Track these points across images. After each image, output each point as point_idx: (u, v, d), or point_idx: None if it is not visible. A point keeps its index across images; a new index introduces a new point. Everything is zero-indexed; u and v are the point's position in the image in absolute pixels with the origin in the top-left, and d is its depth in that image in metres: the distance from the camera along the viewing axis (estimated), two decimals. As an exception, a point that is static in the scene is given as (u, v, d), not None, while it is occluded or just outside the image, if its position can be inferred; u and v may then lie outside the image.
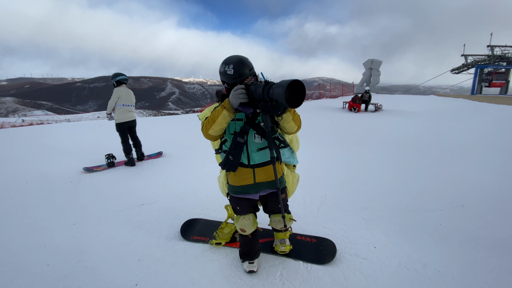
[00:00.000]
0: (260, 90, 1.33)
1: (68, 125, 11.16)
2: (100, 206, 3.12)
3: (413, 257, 2.11)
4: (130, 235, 2.50)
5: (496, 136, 6.22)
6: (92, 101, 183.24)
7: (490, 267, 1.95)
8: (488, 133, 6.61)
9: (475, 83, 19.89)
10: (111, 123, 4.60)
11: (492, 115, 9.11)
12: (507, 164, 4.27)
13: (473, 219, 2.68)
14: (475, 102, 13.02)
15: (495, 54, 20.17)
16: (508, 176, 3.76)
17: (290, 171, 2.03)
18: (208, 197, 3.23)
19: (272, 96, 1.25)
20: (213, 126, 1.57)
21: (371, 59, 19.51)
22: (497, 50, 20.20)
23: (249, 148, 1.67)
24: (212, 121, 1.56)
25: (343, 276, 1.90)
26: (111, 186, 3.75)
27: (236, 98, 1.45)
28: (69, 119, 37.50)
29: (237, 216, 1.90)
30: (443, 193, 3.30)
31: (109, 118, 4.63)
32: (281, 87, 1.16)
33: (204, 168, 4.39)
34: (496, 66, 20.16)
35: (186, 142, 6.62)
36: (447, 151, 5.20)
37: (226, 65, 1.54)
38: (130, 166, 4.61)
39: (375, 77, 19.74)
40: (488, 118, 8.56)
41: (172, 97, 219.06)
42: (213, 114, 1.56)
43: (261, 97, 1.36)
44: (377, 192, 3.39)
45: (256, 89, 1.37)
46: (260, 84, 1.37)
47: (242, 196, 1.82)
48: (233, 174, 1.77)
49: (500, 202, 3.01)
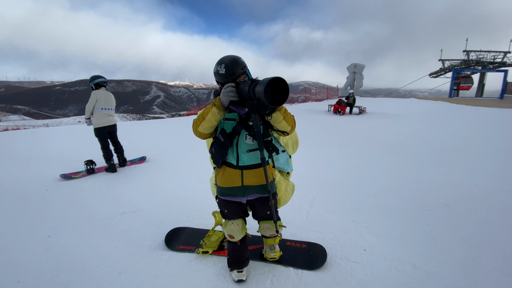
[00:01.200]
0: (247, 88, 1.29)
1: (46, 131, 10.62)
2: (78, 216, 2.93)
3: (403, 258, 2.10)
4: (110, 246, 2.34)
5: (475, 137, 6.47)
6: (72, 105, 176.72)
7: (479, 266, 1.96)
8: (468, 134, 6.86)
9: (452, 86, 20.80)
10: (91, 128, 4.38)
11: (470, 116, 9.51)
12: (487, 164, 4.43)
13: (458, 218, 2.72)
14: (453, 104, 13.57)
15: (471, 58, 21.23)
16: (489, 176, 3.89)
17: (284, 179, 1.97)
18: (195, 204, 3.11)
19: (257, 93, 1.21)
20: (202, 123, 1.54)
21: (354, 63, 19.98)
22: (472, 55, 21.27)
23: (239, 149, 1.61)
24: (202, 118, 1.54)
25: (335, 281, 1.85)
26: (90, 194, 3.55)
27: (226, 96, 1.42)
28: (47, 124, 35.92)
29: (225, 221, 1.81)
30: (428, 193, 3.35)
31: (88, 123, 4.40)
32: (262, 85, 1.13)
33: (190, 174, 4.26)
34: (472, 70, 21.19)
35: (171, 146, 6.45)
36: (430, 152, 5.34)
37: (219, 65, 1.53)
38: (111, 172, 4.40)
39: (358, 81, 20.22)
40: (467, 120, 8.92)
41: (157, 100, 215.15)
42: (203, 111, 1.54)
43: (248, 96, 1.32)
44: (365, 193, 3.40)
45: (244, 87, 1.34)
46: (248, 82, 1.33)
47: (229, 198, 1.75)
48: (221, 174, 1.71)
49: (482, 201, 3.08)
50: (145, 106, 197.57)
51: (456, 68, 21.53)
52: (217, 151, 1.60)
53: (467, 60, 21.78)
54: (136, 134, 8.39)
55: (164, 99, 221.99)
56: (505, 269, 1.91)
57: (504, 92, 18.22)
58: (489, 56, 20.92)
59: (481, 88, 22.09)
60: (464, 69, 21.59)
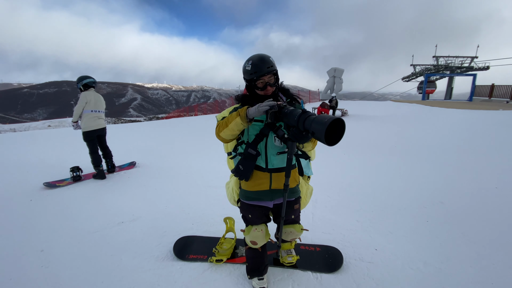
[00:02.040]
0: (296, 117, 1.25)
1: (15, 136, 9.84)
2: (71, 227, 2.71)
3: (413, 256, 2.15)
4: (113, 259, 2.19)
5: (453, 137, 6.87)
6: (41, 109, 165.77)
7: (485, 261, 2.06)
8: (446, 134, 7.28)
9: (424, 90, 22.17)
10: (70, 132, 4.10)
11: (445, 118, 10.13)
12: (470, 162, 4.70)
13: (454, 215, 2.85)
14: (427, 106, 14.43)
15: (440, 64, 22.79)
16: (474, 173, 4.13)
17: (305, 182, 1.95)
18: (198, 211, 3.01)
19: (309, 129, 1.19)
20: (225, 130, 1.49)
21: (334, 67, 20.59)
22: (441, 60, 22.85)
23: (268, 151, 1.57)
24: (225, 125, 1.49)
25: (355, 283, 1.86)
26: (80, 203, 3.32)
27: (259, 110, 1.37)
28: (14, 128, 33.35)
29: (248, 227, 1.74)
30: (422, 191, 3.49)
31: (75, 127, 4.11)
32: (323, 124, 1.10)
33: (186, 179, 4.12)
34: (441, 74, 22.75)
35: (159, 151, 6.23)
36: (416, 151, 5.59)
37: (247, 62, 1.51)
38: (100, 179, 4.15)
39: (338, 85, 20.85)
40: (443, 121, 9.48)
41: (134, 103, 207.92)
42: (228, 118, 1.48)
43: (294, 124, 1.27)
44: (363, 193, 3.47)
45: (291, 113, 1.29)
46: (296, 110, 1.29)
47: (255, 203, 1.68)
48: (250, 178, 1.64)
49: (472, 198, 3.26)
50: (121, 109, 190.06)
51: (427, 73, 22.94)
52: (248, 165, 1.54)
53: (436, 65, 23.33)
54: (119, 138, 8.02)
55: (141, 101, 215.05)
56: (509, 263, 2.02)
57: (472, 94, 19.65)
58: (457, 61, 22.52)
59: (449, 92, 23.72)
60: (434, 73, 23.11)
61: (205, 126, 10.93)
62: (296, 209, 1.76)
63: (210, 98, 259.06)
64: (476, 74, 20.11)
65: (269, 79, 1.51)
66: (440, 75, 23.09)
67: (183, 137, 8.53)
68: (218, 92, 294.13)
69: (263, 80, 1.50)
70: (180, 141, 7.64)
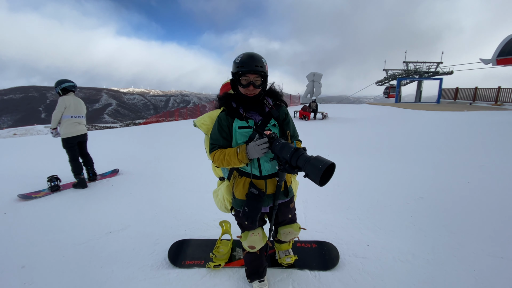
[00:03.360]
0: (288, 155, 1.29)
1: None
2: (53, 240, 2.55)
3: (402, 249, 2.27)
4: (104, 271, 2.09)
5: (426, 136, 7.33)
6: (5, 116, 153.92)
7: (466, 250, 2.22)
8: (420, 134, 7.75)
9: (397, 93, 23.47)
10: (41, 140, 3.88)
11: (417, 119, 10.77)
12: (443, 159, 5.04)
13: (434, 208, 3.04)
14: (400, 109, 15.27)
15: (410, 69, 24.29)
16: (447, 170, 4.43)
17: (293, 179, 1.98)
18: (190, 216, 2.95)
19: (303, 168, 1.24)
20: (223, 164, 1.50)
21: (313, 72, 21.21)
22: (411, 65, 24.36)
23: (261, 159, 1.56)
24: (226, 163, 1.48)
25: (352, 278, 1.93)
26: (61, 214, 3.13)
27: (257, 152, 1.40)
28: (-27, 137, 30.60)
29: (245, 233, 1.74)
30: (403, 188, 3.69)
31: (54, 134, 3.88)
32: (318, 169, 1.15)
33: (175, 185, 4.03)
34: (411, 79, 24.24)
35: (144, 157, 6.04)
36: (393, 151, 5.89)
37: (238, 56, 1.48)
38: (81, 188, 3.94)
39: (317, 89, 21.48)
40: (415, 122, 10.08)
41: (109, 108, 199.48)
42: (228, 158, 1.47)
43: (285, 159, 1.32)
44: (350, 192, 3.60)
45: (282, 150, 1.32)
46: (287, 145, 1.31)
47: None
48: (241, 186, 1.63)
49: (448, 192, 3.49)
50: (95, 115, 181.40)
51: (399, 77, 24.31)
52: (254, 207, 1.52)
53: (406, 70, 24.82)
54: (98, 144, 7.65)
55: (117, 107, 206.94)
56: (487, 251, 2.19)
57: (440, 97, 21.07)
58: (424, 66, 24.11)
59: (419, 95, 25.25)
60: (405, 77, 24.53)
61: (187, 131, 10.74)
62: (292, 208, 1.79)
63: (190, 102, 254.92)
64: (442, 78, 21.65)
65: (254, 79, 1.46)
66: (410, 79, 24.57)
67: (165, 142, 8.33)
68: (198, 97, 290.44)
69: (247, 77, 1.45)
70: (162, 147, 7.46)
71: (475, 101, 18.21)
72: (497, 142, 5.94)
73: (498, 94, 16.42)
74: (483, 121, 8.80)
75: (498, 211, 2.87)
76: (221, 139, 1.55)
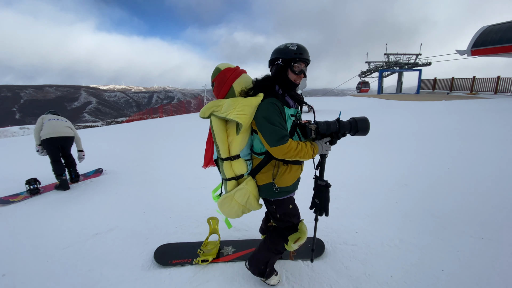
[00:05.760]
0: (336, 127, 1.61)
1: None
2: (35, 245, 2.44)
3: (390, 235, 2.35)
4: (93, 274, 2.02)
5: (407, 125, 7.57)
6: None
7: (449, 232, 2.33)
8: (402, 123, 7.99)
9: (380, 84, 24.07)
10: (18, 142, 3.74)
11: (399, 109, 11.10)
12: (424, 147, 5.23)
13: (418, 194, 3.16)
14: (383, 100, 15.68)
15: (391, 60, 24.93)
16: (428, 157, 4.60)
17: None
18: (179, 214, 2.90)
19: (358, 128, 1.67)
20: (294, 157, 1.48)
21: (298, 65, 21.35)
22: (391, 57, 25.00)
23: (302, 140, 1.60)
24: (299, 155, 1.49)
25: (343, 265, 1.97)
26: (43, 218, 2.99)
27: (324, 150, 1.61)
28: None
29: (301, 223, 1.74)
30: (388, 176, 3.80)
31: (40, 152, 3.81)
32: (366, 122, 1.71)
33: (162, 183, 3.95)
34: (392, 70, 24.92)
35: (129, 155, 5.86)
36: (379, 140, 6.05)
37: (289, 43, 1.51)
38: (63, 190, 3.77)
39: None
40: (398, 112, 10.38)
41: (89, 107, 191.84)
42: (306, 150, 1.50)
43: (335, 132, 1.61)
44: (339, 182, 3.65)
45: (329, 127, 1.58)
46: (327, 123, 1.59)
47: (292, 194, 1.74)
48: (287, 172, 1.60)
49: (431, 179, 3.63)
50: (74, 113, 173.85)
51: (381, 69, 24.89)
52: (325, 197, 1.73)
53: (388, 62, 25.43)
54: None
55: (97, 105, 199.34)
56: (468, 232, 2.31)
57: (419, 87, 21.79)
58: (404, 58, 24.78)
59: (400, 86, 26.01)
60: (386, 69, 25.14)
61: (173, 128, 10.53)
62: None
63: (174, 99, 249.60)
64: (421, 70, 22.38)
65: (305, 68, 1.53)
66: (391, 71, 25.22)
67: (150, 140, 8.12)
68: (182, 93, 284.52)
69: (300, 66, 1.49)
70: (147, 144, 7.27)
71: (452, 90, 18.98)
72: (473, 129, 6.23)
73: (473, 83, 17.20)
74: (460, 110, 9.20)
75: (477, 195, 3.03)
76: (285, 127, 1.49)
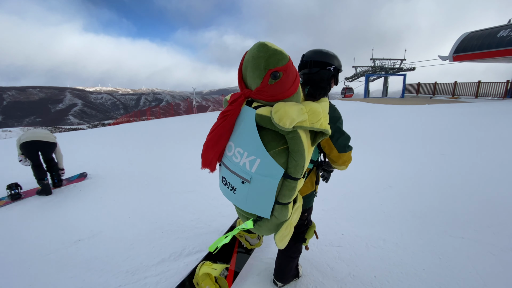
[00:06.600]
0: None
1: None
2: (15, 252, 2.36)
3: (374, 236, 2.41)
4: (75, 281, 1.98)
5: (391, 128, 7.79)
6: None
7: (430, 233, 2.41)
8: (387, 126, 8.21)
9: (366, 88, 24.64)
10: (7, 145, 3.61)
11: (384, 113, 11.39)
12: (407, 150, 5.39)
13: (401, 196, 3.25)
14: (370, 103, 16.03)
15: (377, 65, 25.61)
16: (411, 160, 4.75)
17: None
18: (166, 218, 2.87)
19: None
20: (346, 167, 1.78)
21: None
22: (377, 62, 25.69)
23: None
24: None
25: (328, 266, 2.01)
26: (24, 224, 2.89)
27: None
28: None
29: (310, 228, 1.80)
30: (373, 178, 3.89)
31: (23, 162, 3.69)
32: None
33: (148, 187, 3.89)
34: (378, 75, 25.58)
35: (114, 159, 5.74)
36: (364, 142, 6.18)
37: (335, 54, 1.57)
38: (45, 195, 3.66)
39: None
40: (383, 115, 10.65)
41: (74, 109, 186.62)
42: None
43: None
44: (324, 184, 3.72)
45: None
46: None
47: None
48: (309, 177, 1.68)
49: (414, 180, 3.75)
50: (58, 116, 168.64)
51: (367, 74, 25.50)
52: None
53: (374, 66, 26.10)
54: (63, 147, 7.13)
55: (83, 107, 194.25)
56: (449, 232, 2.40)
57: (404, 92, 22.45)
58: (390, 63, 25.51)
59: (385, 90, 26.70)
60: (372, 74, 25.79)
61: (161, 131, 10.40)
62: None
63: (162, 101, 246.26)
64: (406, 74, 23.08)
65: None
66: (377, 75, 25.88)
67: (137, 143, 7.99)
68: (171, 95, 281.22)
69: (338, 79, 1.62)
70: (134, 148, 7.14)
71: (435, 95, 19.66)
72: (455, 132, 6.48)
73: (454, 88, 17.88)
74: (442, 113, 9.55)
75: (458, 196, 3.15)
76: None
